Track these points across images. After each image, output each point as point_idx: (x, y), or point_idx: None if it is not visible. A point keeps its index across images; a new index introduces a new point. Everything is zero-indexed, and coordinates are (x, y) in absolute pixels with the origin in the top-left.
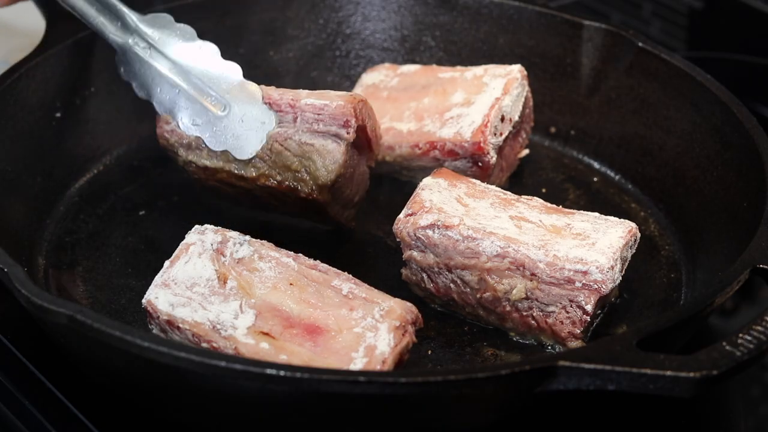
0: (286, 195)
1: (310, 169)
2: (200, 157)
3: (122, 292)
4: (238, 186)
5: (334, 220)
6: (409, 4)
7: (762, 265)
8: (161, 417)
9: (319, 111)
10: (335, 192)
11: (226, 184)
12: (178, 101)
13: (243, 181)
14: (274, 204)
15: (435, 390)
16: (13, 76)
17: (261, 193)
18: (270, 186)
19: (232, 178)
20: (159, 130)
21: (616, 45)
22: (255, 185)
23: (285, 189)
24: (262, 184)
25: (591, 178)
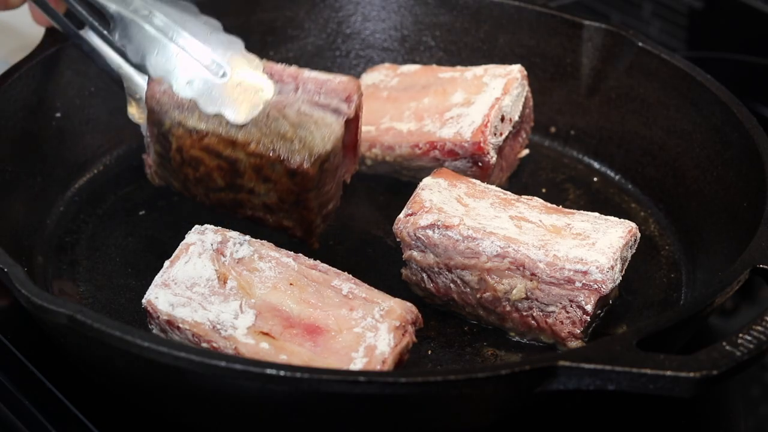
0: (273, 170)
1: (306, 139)
2: (190, 119)
3: (122, 292)
4: (222, 156)
5: (306, 222)
6: (409, 4)
7: (762, 265)
8: (161, 417)
9: (321, 84)
10: (320, 176)
11: (210, 152)
12: (175, 64)
13: (230, 148)
14: (245, 199)
15: (435, 390)
16: (13, 76)
17: (243, 170)
18: (259, 155)
19: (220, 145)
20: (149, 92)
21: (616, 45)
22: (242, 154)
23: (274, 159)
24: (250, 151)
25: (591, 178)
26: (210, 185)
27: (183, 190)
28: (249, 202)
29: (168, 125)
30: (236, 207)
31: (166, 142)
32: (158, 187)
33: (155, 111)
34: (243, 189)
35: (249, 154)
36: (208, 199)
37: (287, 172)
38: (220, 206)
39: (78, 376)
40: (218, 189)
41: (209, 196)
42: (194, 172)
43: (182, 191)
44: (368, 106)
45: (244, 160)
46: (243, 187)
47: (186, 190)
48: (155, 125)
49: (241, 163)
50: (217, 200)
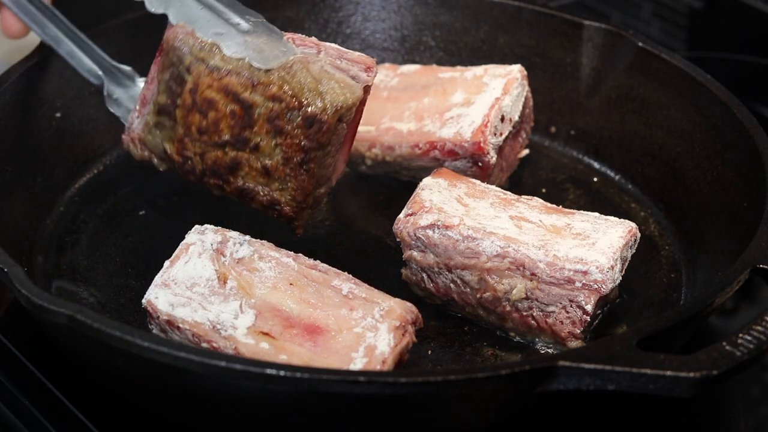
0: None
1: (327, 92)
2: (213, 58)
3: (122, 292)
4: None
5: (301, 195)
6: (409, 4)
7: (762, 265)
8: (161, 417)
9: (342, 53)
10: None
11: (227, 94)
12: (200, 14)
13: (250, 90)
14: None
15: (435, 390)
16: (13, 76)
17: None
18: (279, 99)
19: (239, 86)
20: (171, 33)
21: (616, 45)
22: (261, 98)
23: (294, 106)
24: (271, 94)
25: (591, 178)
26: (212, 139)
27: (173, 156)
28: (247, 164)
29: (188, 62)
30: (230, 173)
31: (179, 83)
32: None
33: (175, 49)
34: (248, 145)
35: (268, 97)
36: (200, 163)
37: (305, 120)
38: (211, 173)
39: (78, 376)
40: (219, 145)
41: (204, 158)
42: (201, 120)
43: (171, 160)
44: (368, 106)
45: (261, 105)
46: (249, 142)
47: (178, 155)
48: (170, 67)
49: (256, 108)
50: (210, 164)
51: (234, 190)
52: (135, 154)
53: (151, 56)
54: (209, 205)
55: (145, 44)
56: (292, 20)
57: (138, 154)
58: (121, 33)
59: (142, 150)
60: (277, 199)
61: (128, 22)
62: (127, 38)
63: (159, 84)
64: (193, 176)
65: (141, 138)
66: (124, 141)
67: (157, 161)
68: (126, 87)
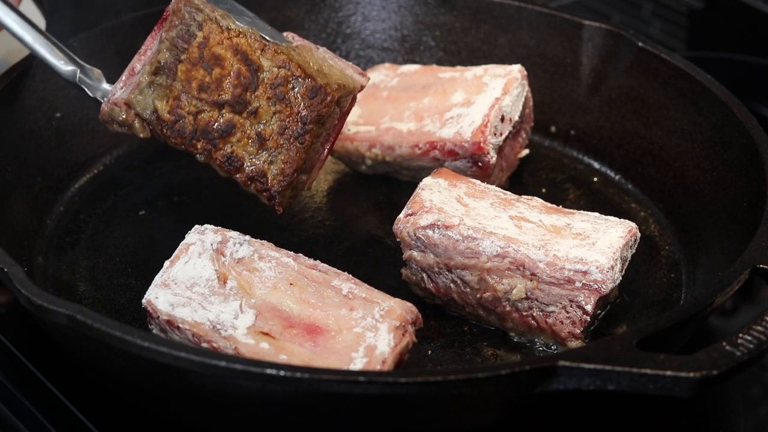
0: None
1: (331, 74)
2: (225, 20)
3: (122, 292)
4: (248, 59)
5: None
6: (409, 4)
7: (762, 265)
8: (161, 417)
9: (337, 57)
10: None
11: (236, 53)
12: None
13: (259, 52)
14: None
15: (435, 390)
16: (13, 76)
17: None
18: (286, 66)
19: (250, 47)
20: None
21: (616, 45)
22: (269, 62)
23: (300, 74)
24: (279, 61)
25: (591, 178)
26: (212, 97)
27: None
28: (241, 129)
29: (202, 18)
30: (222, 137)
31: (186, 39)
32: (158, 187)
33: (188, 8)
34: (246, 108)
35: (277, 63)
36: (192, 124)
37: (308, 90)
38: (201, 136)
39: (78, 376)
40: (218, 104)
41: (197, 118)
42: (205, 76)
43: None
44: (368, 106)
45: (267, 69)
46: (248, 105)
47: (170, 113)
48: (179, 25)
49: (263, 72)
50: (203, 125)
51: (221, 158)
52: (117, 117)
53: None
54: (209, 205)
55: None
56: (292, 20)
57: (120, 118)
58: (121, 33)
59: (127, 113)
60: (263, 170)
61: (128, 22)
62: (127, 38)
63: (161, 43)
64: (181, 138)
65: (127, 100)
66: (104, 108)
67: (138, 126)
68: (93, 88)
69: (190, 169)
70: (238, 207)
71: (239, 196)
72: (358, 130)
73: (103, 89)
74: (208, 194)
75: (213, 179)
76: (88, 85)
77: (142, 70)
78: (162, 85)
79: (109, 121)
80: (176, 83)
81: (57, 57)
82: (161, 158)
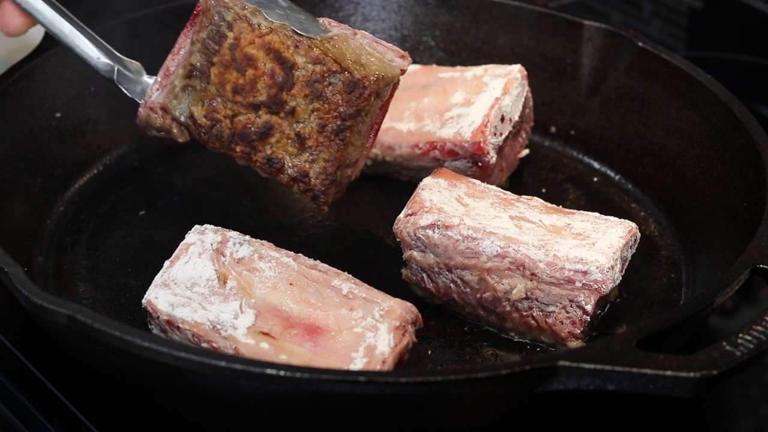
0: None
1: (369, 64)
2: (255, 17)
3: (122, 291)
4: (281, 58)
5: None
6: (409, 4)
7: (762, 265)
8: (161, 417)
9: (376, 40)
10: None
11: (269, 51)
12: None
13: (292, 49)
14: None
15: (435, 390)
16: (13, 76)
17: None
18: (321, 61)
19: (282, 45)
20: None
21: (616, 45)
22: (303, 59)
23: (335, 69)
24: (314, 56)
25: (591, 178)
26: (247, 99)
27: (200, 120)
28: (279, 130)
29: (231, 18)
30: (260, 138)
31: (217, 41)
32: (158, 187)
33: (217, 7)
34: (283, 108)
35: (311, 59)
36: (229, 127)
37: (346, 85)
38: (239, 139)
39: (78, 376)
40: (253, 106)
41: (234, 121)
42: (238, 78)
43: (196, 125)
44: None
45: (302, 66)
46: (285, 104)
47: (206, 118)
48: (209, 26)
49: (297, 70)
50: (240, 128)
51: (261, 160)
52: (154, 123)
53: (151, 56)
54: (209, 205)
55: (145, 44)
56: None
57: (158, 124)
58: (122, 33)
59: (164, 118)
60: (305, 170)
61: (128, 22)
62: (127, 38)
63: (193, 45)
64: (219, 142)
65: (163, 105)
66: (141, 113)
67: (176, 130)
68: (133, 82)
69: (190, 169)
70: (238, 207)
71: (239, 196)
72: None
73: (143, 83)
74: (208, 194)
75: (213, 179)
76: (127, 80)
77: (175, 73)
78: (196, 89)
79: (146, 127)
80: (210, 86)
81: (93, 51)
82: (161, 158)
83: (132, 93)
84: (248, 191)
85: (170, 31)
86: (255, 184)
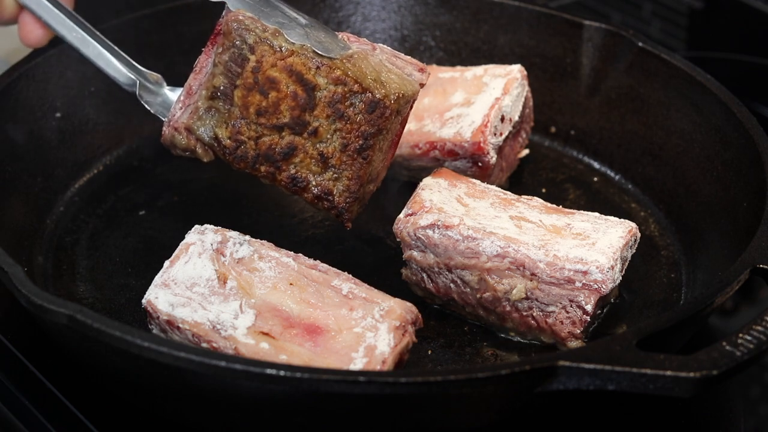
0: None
1: (388, 81)
2: (277, 39)
3: (122, 291)
4: (303, 80)
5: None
6: (409, 4)
7: (762, 265)
8: (161, 417)
9: (395, 54)
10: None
11: (291, 74)
12: (258, 5)
13: (314, 71)
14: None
15: (435, 390)
16: (13, 76)
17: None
18: (343, 82)
19: (304, 67)
20: (232, 16)
21: (616, 45)
22: (324, 81)
23: (357, 90)
24: (335, 77)
25: (591, 178)
26: (270, 121)
27: (225, 141)
28: (303, 150)
29: (253, 41)
30: (284, 159)
31: (239, 64)
32: (158, 187)
33: (238, 30)
34: (306, 129)
35: (332, 80)
36: (254, 149)
37: (367, 105)
38: (263, 159)
39: (78, 376)
40: (277, 128)
41: (258, 142)
42: (261, 100)
43: (221, 146)
44: None
45: (323, 87)
46: (308, 125)
47: (230, 140)
48: (231, 48)
49: (319, 91)
50: (265, 149)
51: (286, 179)
52: (179, 143)
53: (151, 56)
54: (209, 205)
55: (145, 44)
56: None
57: (182, 144)
58: (122, 33)
59: (188, 139)
60: (329, 189)
61: (128, 22)
62: (127, 38)
63: (216, 67)
64: (244, 163)
65: (188, 126)
66: (166, 133)
67: (201, 151)
68: (154, 94)
69: (190, 169)
70: (238, 207)
71: (239, 196)
72: None
73: (164, 95)
74: (208, 194)
75: (213, 179)
76: (148, 92)
77: (198, 94)
78: (220, 111)
79: (171, 146)
80: (234, 108)
81: (115, 64)
82: (161, 158)
83: (153, 107)
84: (248, 191)
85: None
86: (255, 184)
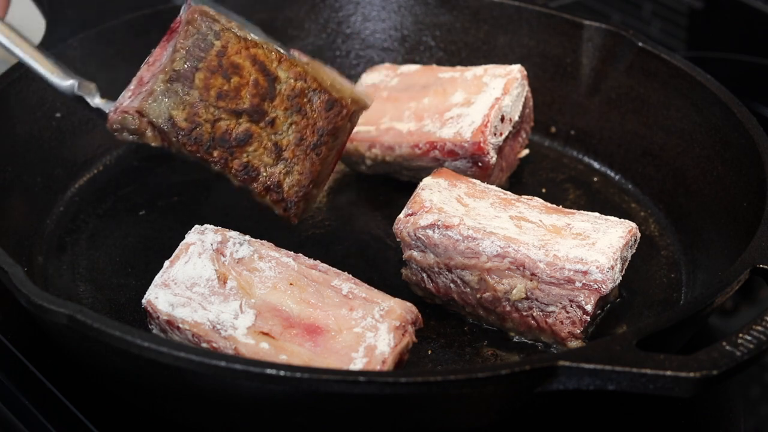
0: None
1: (344, 88)
2: (242, 31)
3: (122, 291)
4: (266, 70)
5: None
6: (409, 4)
7: (762, 265)
8: (161, 417)
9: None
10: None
11: (254, 63)
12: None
13: (276, 63)
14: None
15: (435, 390)
16: (13, 76)
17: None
18: (304, 78)
19: (267, 59)
20: (197, 7)
21: (616, 45)
22: (286, 74)
23: (316, 87)
24: (297, 72)
25: (591, 178)
26: (230, 106)
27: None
28: (258, 138)
29: (219, 28)
30: (239, 145)
31: (204, 49)
32: (158, 187)
33: (204, 19)
34: (264, 118)
35: (293, 75)
36: (209, 132)
37: (325, 103)
38: (218, 144)
39: (78, 376)
40: (235, 113)
41: (215, 126)
42: (223, 84)
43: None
44: None
45: (284, 81)
46: (266, 115)
47: (186, 121)
48: (195, 34)
49: (280, 84)
50: (220, 134)
51: (237, 166)
52: (129, 125)
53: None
54: (209, 205)
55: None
56: (292, 20)
57: (133, 127)
58: (122, 32)
59: (139, 121)
60: (279, 181)
61: (129, 22)
62: (128, 37)
63: (176, 52)
64: (198, 146)
65: (139, 108)
66: (113, 117)
67: (150, 134)
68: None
69: (190, 169)
70: (238, 207)
71: (239, 196)
72: (358, 130)
73: (96, 103)
74: (208, 194)
75: (213, 179)
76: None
77: (154, 79)
78: (178, 93)
79: (118, 130)
80: (193, 91)
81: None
82: (161, 158)
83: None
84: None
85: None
86: None
